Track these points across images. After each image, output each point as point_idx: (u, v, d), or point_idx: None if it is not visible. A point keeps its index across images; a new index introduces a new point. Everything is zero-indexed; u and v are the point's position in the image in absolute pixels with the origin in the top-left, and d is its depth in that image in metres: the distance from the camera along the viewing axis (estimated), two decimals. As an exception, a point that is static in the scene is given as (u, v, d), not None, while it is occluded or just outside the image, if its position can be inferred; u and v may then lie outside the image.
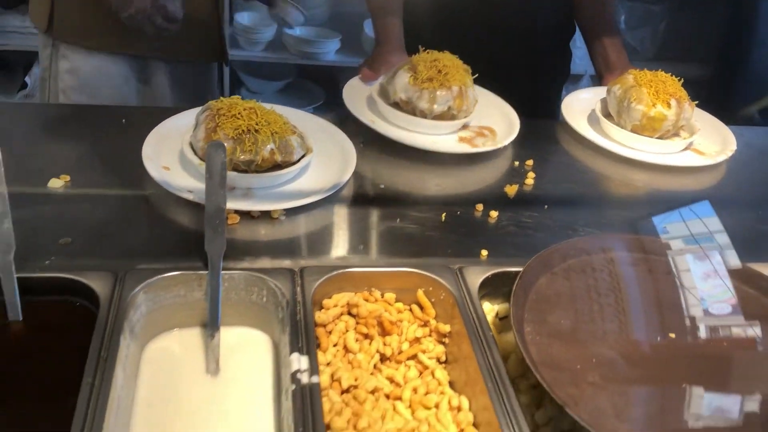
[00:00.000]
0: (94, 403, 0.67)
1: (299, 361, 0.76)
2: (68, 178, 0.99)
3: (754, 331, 0.86)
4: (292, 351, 0.77)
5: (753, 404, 0.76)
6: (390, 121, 1.23)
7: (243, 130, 0.97)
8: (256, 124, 0.98)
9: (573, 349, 0.80)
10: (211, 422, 0.78)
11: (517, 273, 0.87)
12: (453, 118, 1.21)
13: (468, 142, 1.21)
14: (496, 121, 1.28)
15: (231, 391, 0.82)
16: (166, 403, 0.78)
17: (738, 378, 0.81)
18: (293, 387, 0.73)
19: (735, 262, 0.92)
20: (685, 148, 1.32)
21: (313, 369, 0.75)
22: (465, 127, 1.25)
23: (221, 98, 1.02)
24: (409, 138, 1.18)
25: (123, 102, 1.44)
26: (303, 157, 1.04)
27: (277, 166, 1.01)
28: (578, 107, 1.40)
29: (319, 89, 2.86)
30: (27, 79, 2.29)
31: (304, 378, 0.74)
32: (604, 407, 0.73)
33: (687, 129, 1.35)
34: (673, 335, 0.84)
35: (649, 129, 1.27)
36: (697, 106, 1.35)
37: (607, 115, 1.35)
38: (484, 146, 1.19)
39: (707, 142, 1.35)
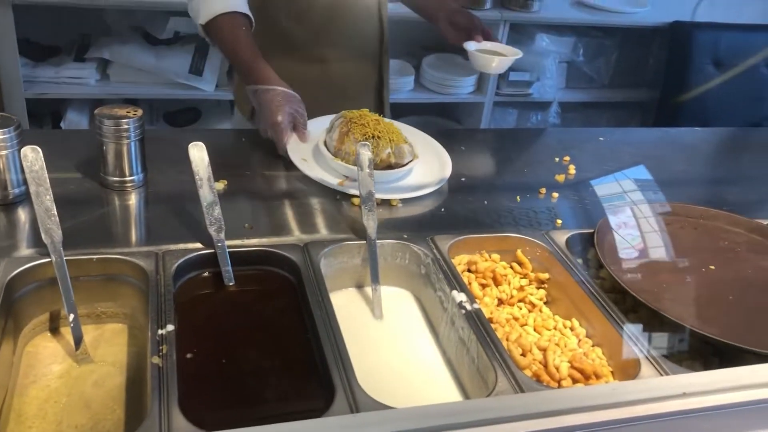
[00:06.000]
0: (329, 330, 0.91)
1: (460, 295, 1.01)
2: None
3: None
4: (451, 289, 1.02)
5: None
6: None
7: (369, 136, 1.23)
8: (379, 132, 1.24)
9: (642, 275, 1.10)
10: (387, 351, 1.02)
11: (589, 233, 1.17)
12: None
13: None
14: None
15: (395, 330, 1.06)
16: (352, 339, 1.01)
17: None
18: (462, 312, 0.98)
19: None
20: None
21: (471, 299, 1.00)
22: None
23: (352, 110, 1.29)
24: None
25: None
26: (411, 161, 1.30)
27: (389, 167, 1.27)
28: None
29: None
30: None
31: (468, 306, 0.99)
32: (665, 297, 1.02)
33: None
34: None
35: None
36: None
37: None
38: None
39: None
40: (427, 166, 1.34)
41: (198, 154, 1.03)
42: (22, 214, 1.07)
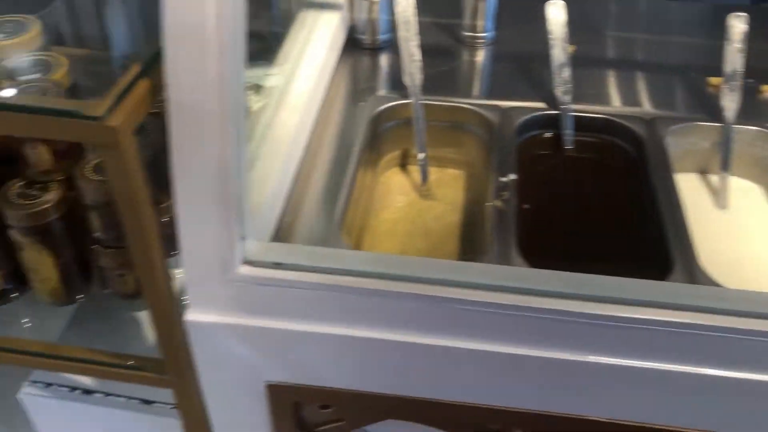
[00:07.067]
0: (672, 207, 0.86)
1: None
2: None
3: None
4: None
5: None
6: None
7: None
8: None
9: None
10: (731, 242, 0.94)
11: None
12: None
13: None
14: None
15: (740, 222, 0.97)
16: (692, 222, 0.95)
17: None
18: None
19: None
20: None
21: None
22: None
23: None
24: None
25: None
26: None
27: None
28: None
29: None
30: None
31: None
32: None
33: None
34: None
35: None
36: None
37: None
38: None
39: None
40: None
41: (555, 12, 1.01)
42: (386, 59, 1.17)
